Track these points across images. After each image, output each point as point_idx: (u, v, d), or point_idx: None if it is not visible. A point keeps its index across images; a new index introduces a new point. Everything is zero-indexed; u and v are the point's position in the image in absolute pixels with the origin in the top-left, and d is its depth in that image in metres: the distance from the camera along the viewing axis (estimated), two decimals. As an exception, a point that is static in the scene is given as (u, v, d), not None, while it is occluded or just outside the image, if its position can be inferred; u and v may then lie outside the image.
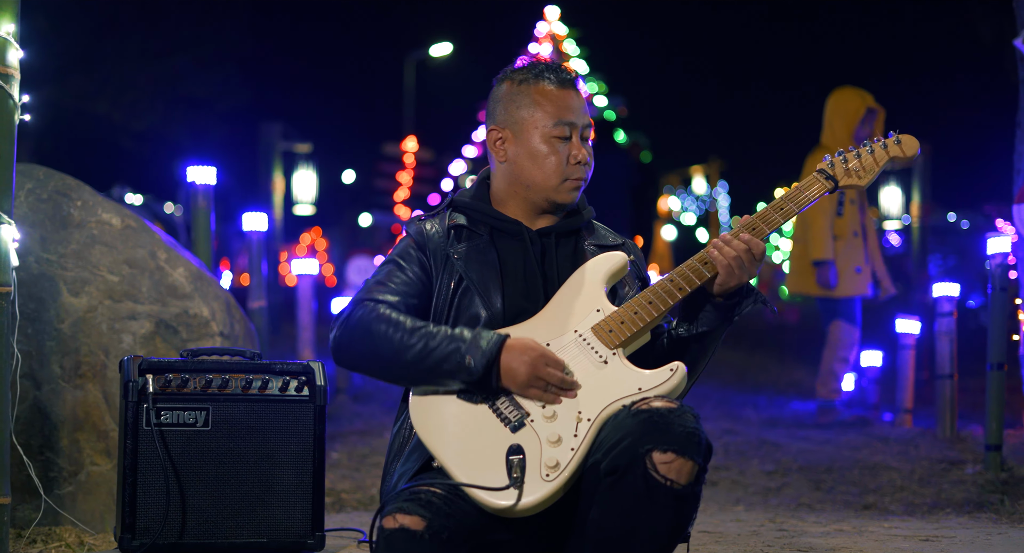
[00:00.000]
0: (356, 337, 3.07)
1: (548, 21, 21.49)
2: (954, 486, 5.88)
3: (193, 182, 5.79)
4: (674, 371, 2.99)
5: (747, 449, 6.71)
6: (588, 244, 3.29)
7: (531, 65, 3.27)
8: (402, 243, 3.27)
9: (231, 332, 4.85)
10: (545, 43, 21.47)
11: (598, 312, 3.09)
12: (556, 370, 2.97)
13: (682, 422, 2.88)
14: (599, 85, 21.70)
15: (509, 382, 2.98)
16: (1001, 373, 6.24)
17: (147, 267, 4.66)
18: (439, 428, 3.02)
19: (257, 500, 3.61)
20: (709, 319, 3.17)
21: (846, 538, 4.20)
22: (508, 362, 2.98)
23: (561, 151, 3.21)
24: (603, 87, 21.71)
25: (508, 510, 2.89)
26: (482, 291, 3.15)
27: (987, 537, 4.31)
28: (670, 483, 2.83)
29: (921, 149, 3.40)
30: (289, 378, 3.66)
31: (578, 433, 2.94)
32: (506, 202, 3.28)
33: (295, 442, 3.65)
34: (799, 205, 3.21)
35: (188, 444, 3.59)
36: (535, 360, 2.97)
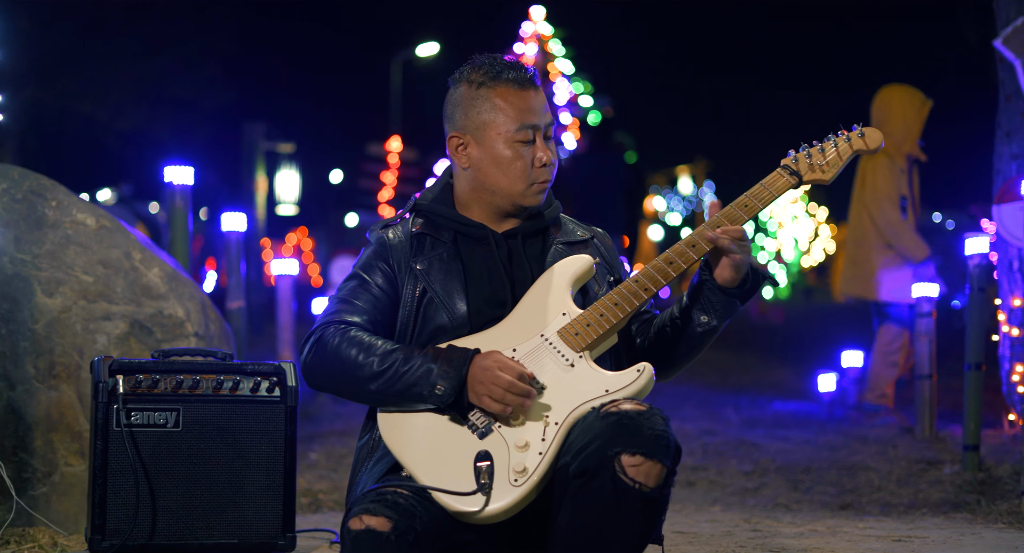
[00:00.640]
0: (327, 362, 3.06)
1: (534, 21, 21.48)
2: (931, 486, 5.89)
3: (171, 182, 5.77)
4: (641, 372, 2.98)
5: (726, 449, 6.72)
6: (557, 242, 3.26)
7: (488, 65, 3.17)
8: (365, 254, 3.24)
9: (206, 332, 4.84)
10: (531, 43, 21.46)
11: (564, 316, 3.07)
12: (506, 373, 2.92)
13: (651, 424, 2.87)
14: (585, 85, 21.70)
15: (476, 400, 2.97)
16: (979, 373, 6.25)
17: (122, 267, 4.65)
18: (407, 437, 3.01)
19: (228, 501, 3.60)
20: (723, 309, 3.14)
21: (819, 539, 4.20)
22: (473, 380, 2.95)
23: (525, 155, 3.15)
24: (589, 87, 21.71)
25: (475, 515, 2.88)
26: (445, 300, 3.12)
27: (960, 537, 4.31)
28: (639, 486, 2.83)
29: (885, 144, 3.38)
30: (260, 379, 3.65)
31: (546, 437, 2.93)
32: (470, 205, 3.24)
33: (266, 443, 3.64)
34: (763, 202, 3.18)
35: (159, 445, 3.57)
36: (488, 367, 2.94)
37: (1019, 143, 7.49)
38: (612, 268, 3.30)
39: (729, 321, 3.19)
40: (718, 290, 3.12)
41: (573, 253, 3.23)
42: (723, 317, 3.15)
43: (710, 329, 3.15)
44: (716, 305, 3.14)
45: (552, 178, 3.22)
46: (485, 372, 2.94)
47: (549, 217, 3.28)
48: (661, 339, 3.21)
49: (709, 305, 3.14)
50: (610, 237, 3.45)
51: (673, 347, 3.19)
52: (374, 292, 3.17)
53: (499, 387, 2.92)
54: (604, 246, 3.34)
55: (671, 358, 3.21)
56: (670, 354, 3.20)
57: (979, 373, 6.25)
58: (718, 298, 3.13)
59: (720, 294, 3.13)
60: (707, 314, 3.15)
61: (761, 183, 3.21)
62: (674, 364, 3.23)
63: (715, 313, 3.14)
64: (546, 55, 21.51)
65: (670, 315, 3.21)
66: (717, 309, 3.14)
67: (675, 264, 3.11)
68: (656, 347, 3.21)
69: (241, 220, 6.71)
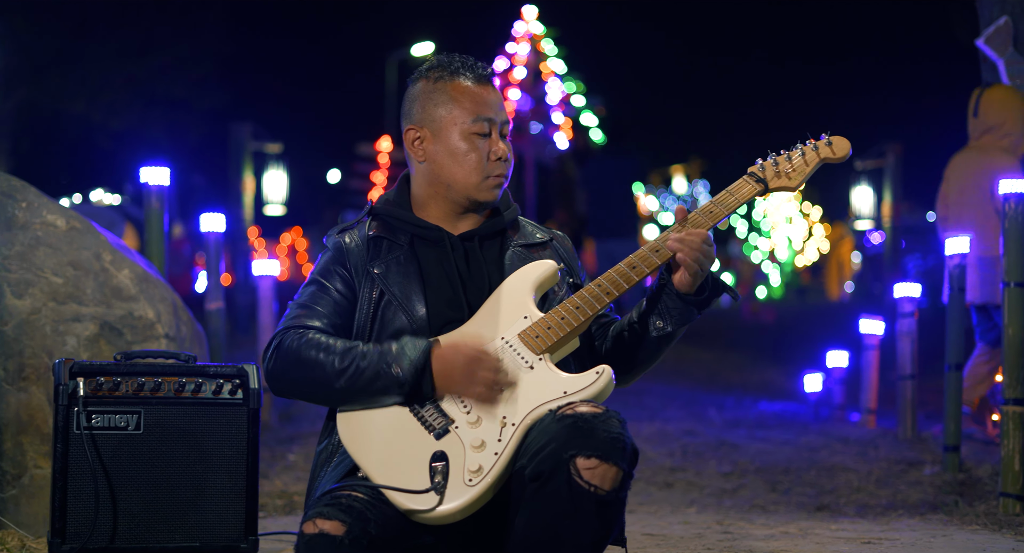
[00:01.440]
0: (289, 367, 3.05)
1: (526, 20, 21.44)
2: (911, 487, 5.87)
3: (147, 183, 5.75)
4: (600, 374, 2.97)
5: (705, 450, 6.70)
6: (514, 244, 3.25)
7: (447, 62, 3.21)
8: (322, 260, 3.23)
9: (177, 334, 4.82)
10: (523, 43, 21.42)
11: (525, 319, 3.07)
12: (489, 372, 2.94)
13: (606, 427, 2.85)
14: (577, 85, 21.63)
15: (444, 387, 2.96)
16: (959, 374, 6.24)
17: (92, 269, 4.63)
18: (364, 438, 3.00)
19: (190, 504, 3.58)
20: (680, 316, 3.13)
21: (788, 541, 4.19)
22: (441, 366, 2.96)
23: (481, 148, 3.17)
24: (581, 87, 21.65)
25: (427, 514, 2.87)
26: (404, 303, 3.11)
27: (930, 539, 4.30)
28: (594, 489, 2.81)
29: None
30: (223, 381, 3.63)
31: (502, 438, 2.92)
32: (427, 205, 3.24)
33: (228, 445, 3.62)
34: (728, 208, 3.20)
35: (120, 448, 3.55)
36: (468, 363, 2.94)
37: (1002, 143, 7.48)
38: (572, 270, 3.30)
39: (686, 328, 3.17)
40: (676, 296, 3.12)
41: (531, 255, 3.24)
42: (679, 323, 3.14)
43: (665, 335, 3.14)
44: (673, 311, 3.13)
45: (508, 174, 3.22)
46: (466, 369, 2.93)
47: (507, 219, 3.28)
48: (619, 343, 3.20)
49: (666, 310, 3.14)
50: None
51: (631, 352, 3.19)
52: (334, 296, 3.16)
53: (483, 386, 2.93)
54: (564, 248, 3.33)
55: (629, 363, 3.20)
56: (628, 359, 3.19)
57: (959, 374, 6.24)
58: (675, 304, 3.13)
59: (678, 300, 3.12)
60: (663, 319, 3.14)
61: (727, 190, 3.23)
62: (633, 369, 3.22)
63: (671, 319, 3.13)
64: (538, 54, 21.47)
65: (628, 320, 3.20)
66: (674, 315, 3.13)
67: (638, 269, 3.11)
68: (615, 351, 3.20)
69: (220, 221, 6.70)
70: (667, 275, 3.14)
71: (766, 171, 3.24)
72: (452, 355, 2.96)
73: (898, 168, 13.71)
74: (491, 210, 3.29)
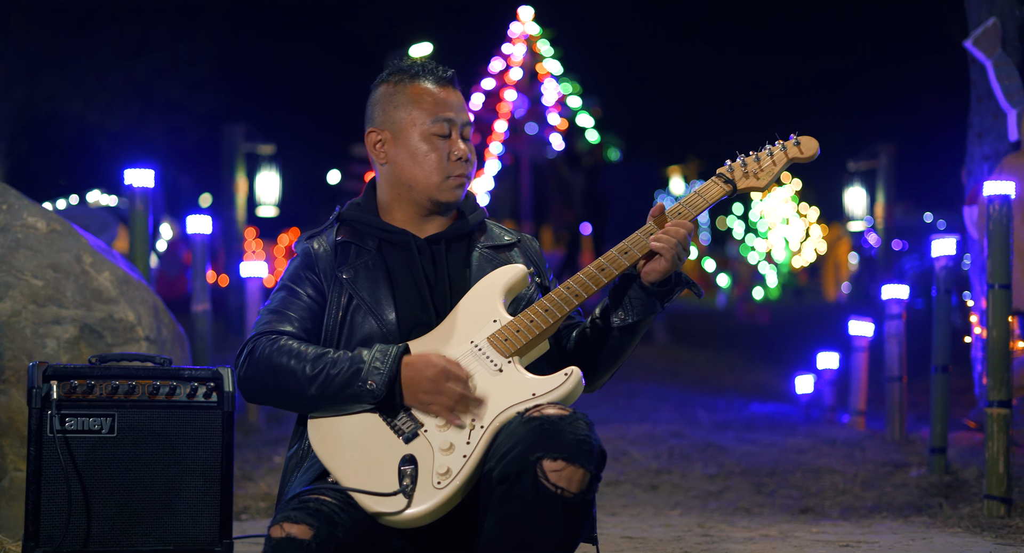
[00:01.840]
0: (260, 373, 3.07)
1: (522, 21, 21.43)
2: (896, 489, 5.86)
3: (131, 185, 5.75)
4: (568, 375, 2.97)
5: (692, 452, 6.69)
6: (481, 246, 3.26)
7: (408, 66, 3.24)
8: (292, 266, 3.25)
9: (158, 337, 4.82)
10: (519, 44, 21.41)
11: (495, 322, 3.07)
12: (456, 386, 2.94)
13: (573, 429, 2.86)
14: (573, 86, 21.62)
15: (411, 396, 2.96)
16: (945, 375, 6.24)
17: (72, 271, 4.63)
18: (334, 443, 3.01)
19: (164, 507, 3.57)
20: (641, 307, 3.14)
21: (767, 544, 4.18)
22: (409, 378, 2.97)
23: (441, 148, 3.19)
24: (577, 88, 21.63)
25: (396, 517, 2.88)
26: (374, 308, 3.12)
27: (909, 542, 4.30)
28: (560, 491, 2.82)
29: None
30: (197, 384, 3.62)
31: (471, 441, 2.93)
32: (392, 208, 3.25)
33: (203, 449, 3.60)
34: (696, 209, 3.21)
35: (93, 451, 3.54)
36: (436, 376, 2.95)
37: (991, 144, 7.49)
38: (540, 272, 3.32)
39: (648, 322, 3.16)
40: (639, 287, 3.12)
41: (499, 257, 3.25)
42: (640, 315, 3.13)
43: (626, 326, 3.14)
44: (636, 302, 3.13)
45: (470, 175, 3.23)
46: (433, 383, 2.95)
47: (473, 221, 3.28)
48: (582, 342, 3.21)
49: (628, 302, 3.14)
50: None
51: (594, 350, 3.19)
52: (304, 301, 3.17)
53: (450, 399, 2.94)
54: (532, 250, 3.35)
55: (594, 362, 3.20)
56: (592, 357, 3.20)
57: (945, 375, 6.24)
58: (638, 295, 3.13)
59: (641, 291, 3.12)
60: (625, 311, 3.14)
61: (695, 191, 3.25)
62: (598, 368, 3.22)
63: (633, 310, 3.14)
64: (534, 56, 21.46)
65: (592, 317, 3.21)
66: (636, 306, 3.13)
67: (606, 270, 3.12)
68: (578, 351, 3.21)
69: (207, 223, 6.69)
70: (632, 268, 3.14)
71: (734, 172, 3.26)
72: (422, 366, 2.96)
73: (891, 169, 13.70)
74: (457, 213, 3.29)
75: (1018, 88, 7.31)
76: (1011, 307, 5.37)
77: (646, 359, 12.24)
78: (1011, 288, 5.40)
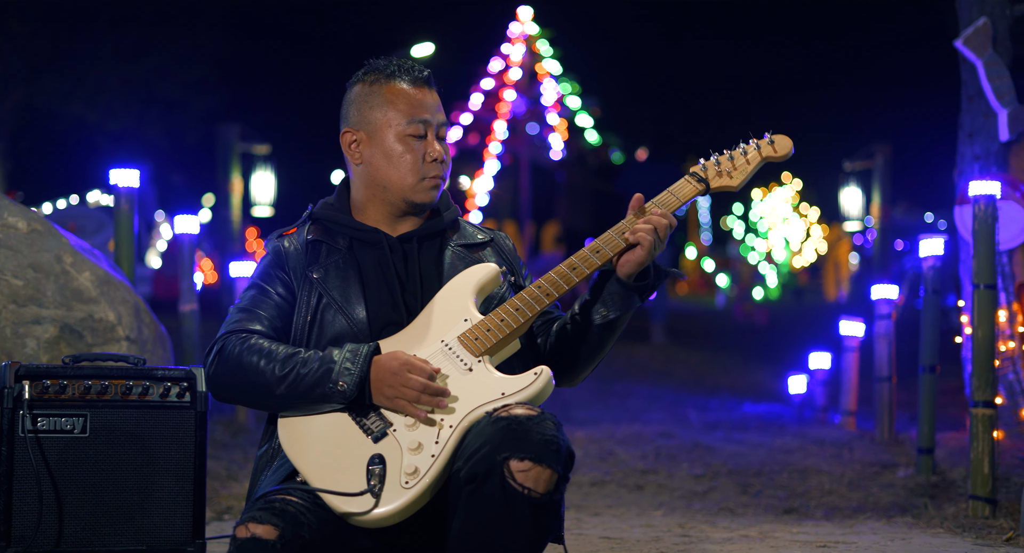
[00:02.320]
0: (229, 372, 3.06)
1: (521, 22, 21.43)
2: (883, 490, 5.85)
3: (116, 184, 5.74)
4: (538, 375, 2.96)
5: (679, 453, 6.67)
6: (453, 245, 3.25)
7: (383, 66, 3.21)
8: (262, 264, 3.23)
9: (139, 337, 4.82)
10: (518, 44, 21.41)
11: (466, 322, 3.07)
12: (419, 376, 2.94)
13: (540, 430, 2.85)
14: (572, 86, 21.63)
15: (378, 393, 2.96)
16: (933, 376, 6.23)
17: (53, 271, 4.63)
18: (303, 442, 3.00)
19: (136, 507, 3.56)
20: (621, 302, 3.13)
21: (744, 544, 4.17)
22: (375, 374, 2.96)
23: (416, 149, 3.17)
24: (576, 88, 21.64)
25: (364, 517, 2.87)
26: (344, 306, 3.12)
27: (888, 542, 4.28)
28: (527, 491, 2.81)
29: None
30: (171, 384, 3.61)
31: (439, 440, 2.92)
32: (365, 208, 3.24)
33: (176, 449, 3.60)
34: (669, 208, 3.19)
35: (65, 451, 3.54)
36: (399, 369, 2.94)
37: (982, 144, 7.46)
38: (514, 270, 3.30)
39: (628, 317, 3.15)
40: (618, 282, 3.11)
41: (472, 255, 3.24)
42: (621, 310, 3.12)
43: (607, 323, 3.13)
44: (615, 296, 3.12)
45: (445, 175, 3.22)
46: (395, 376, 2.94)
47: (447, 220, 3.27)
48: (562, 338, 3.20)
49: (608, 296, 3.13)
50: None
51: (574, 346, 3.18)
52: (275, 299, 3.16)
53: (412, 390, 2.93)
54: (505, 248, 3.33)
55: (573, 358, 3.19)
56: (571, 353, 3.18)
57: (933, 376, 6.23)
58: (617, 289, 3.12)
59: (619, 286, 3.12)
60: (606, 307, 3.13)
61: (668, 190, 3.24)
62: (576, 363, 3.21)
63: (613, 306, 3.13)
64: (533, 56, 21.47)
65: (571, 313, 3.20)
66: (616, 301, 3.13)
67: (578, 269, 3.11)
68: (558, 347, 3.20)
69: (193, 223, 6.69)
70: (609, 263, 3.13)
71: (708, 171, 3.24)
72: (387, 361, 2.96)
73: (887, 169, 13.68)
74: (431, 211, 3.28)
75: (1009, 88, 7.29)
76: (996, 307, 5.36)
77: (641, 359, 12.23)
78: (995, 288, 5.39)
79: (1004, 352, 7.21)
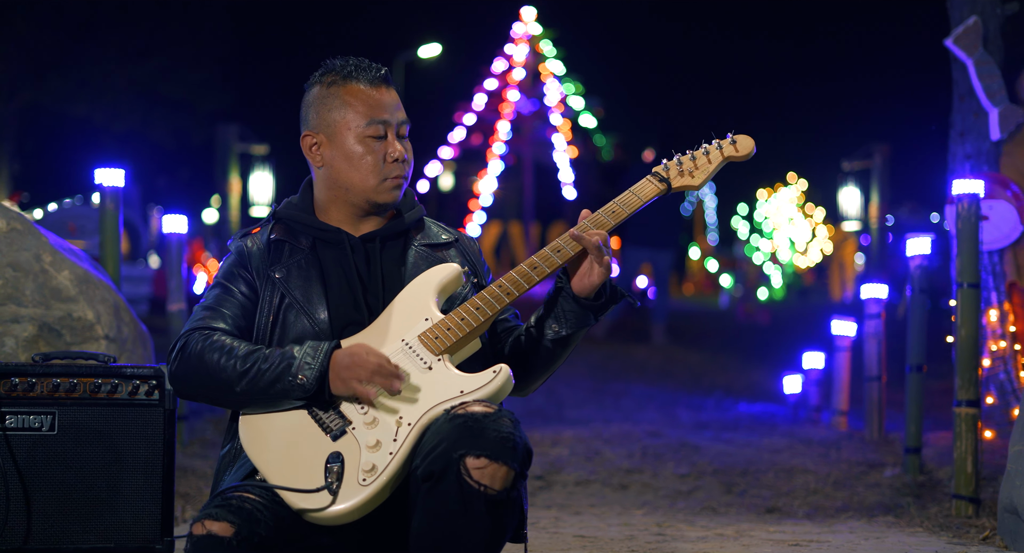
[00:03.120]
0: (191, 369, 3.06)
1: (524, 22, 21.43)
2: (868, 489, 5.84)
3: (101, 184, 5.75)
4: (497, 372, 2.97)
5: (666, 452, 6.66)
6: (417, 244, 3.26)
7: (340, 66, 3.21)
8: (225, 264, 3.24)
9: (118, 335, 4.83)
10: (521, 44, 21.42)
11: (426, 321, 3.07)
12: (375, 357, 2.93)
13: (496, 427, 2.85)
14: (576, 86, 21.62)
15: (334, 384, 2.97)
16: (920, 375, 6.22)
17: (31, 270, 4.64)
18: (263, 441, 3.01)
19: (104, 505, 3.58)
20: (575, 320, 3.14)
21: (715, 543, 4.17)
22: (334, 366, 2.97)
23: (377, 150, 3.17)
24: (580, 88, 21.63)
25: (321, 514, 2.88)
26: (306, 306, 3.12)
27: (862, 541, 4.28)
28: (484, 488, 2.82)
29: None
30: (139, 382, 3.63)
31: (398, 438, 2.93)
32: (328, 208, 3.25)
33: (144, 446, 3.61)
34: (630, 207, 3.21)
35: (34, 448, 3.55)
36: (356, 351, 2.96)
37: (972, 143, 7.45)
38: (477, 271, 3.30)
39: (583, 334, 3.17)
40: (572, 299, 3.12)
41: (436, 255, 3.25)
42: (574, 327, 3.14)
43: (560, 339, 3.15)
44: (568, 314, 3.14)
45: (407, 175, 3.22)
46: (351, 357, 2.96)
47: (410, 220, 3.28)
48: (516, 348, 3.22)
49: (562, 314, 3.15)
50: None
51: (528, 357, 3.20)
52: (238, 298, 3.17)
53: (366, 369, 2.94)
54: (469, 250, 3.34)
55: (528, 369, 3.21)
56: (526, 365, 3.20)
57: (920, 375, 6.22)
58: (571, 307, 3.13)
59: (574, 303, 3.13)
60: (559, 323, 3.15)
61: (630, 190, 3.25)
62: (531, 375, 3.22)
63: (567, 323, 3.14)
64: (537, 56, 21.47)
65: (527, 325, 3.21)
66: (569, 319, 3.14)
67: (539, 268, 3.12)
68: (512, 357, 3.21)
69: (182, 222, 6.70)
70: (565, 278, 3.14)
71: (670, 171, 3.27)
72: (343, 356, 2.97)
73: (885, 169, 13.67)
74: (395, 211, 3.28)
75: (999, 86, 7.28)
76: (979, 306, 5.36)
77: (639, 359, 12.22)
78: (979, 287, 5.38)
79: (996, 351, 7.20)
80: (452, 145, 21.63)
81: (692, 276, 29.31)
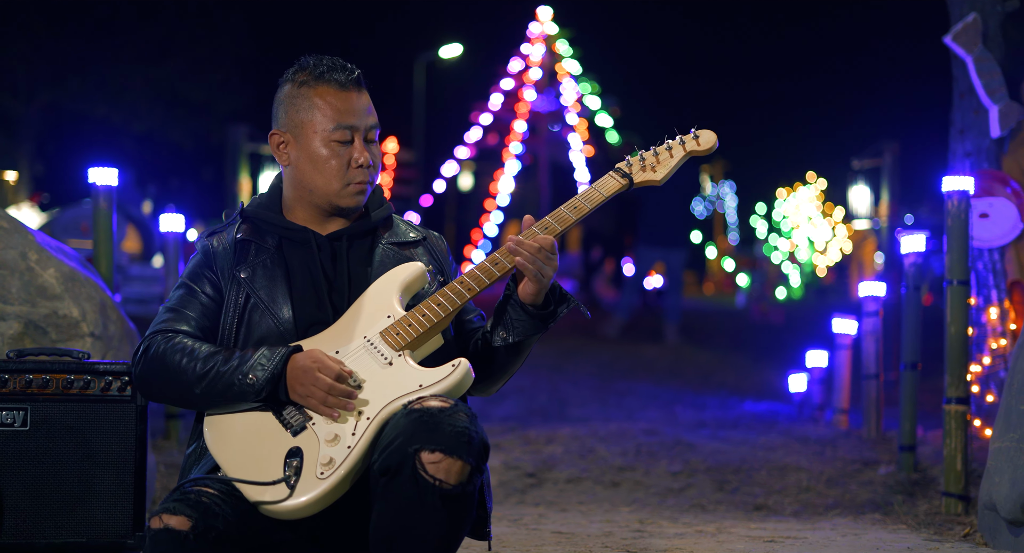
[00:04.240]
0: (154, 371, 3.09)
1: (540, 21, 21.43)
2: (861, 487, 5.83)
3: (94, 183, 5.79)
4: (456, 367, 2.99)
5: (659, 450, 6.66)
6: (384, 243, 3.27)
7: (313, 65, 3.20)
8: (191, 263, 3.26)
9: (104, 333, 4.86)
10: (538, 44, 21.42)
11: (388, 318, 3.09)
12: (326, 376, 2.95)
13: (452, 421, 2.87)
14: (592, 86, 21.60)
15: (293, 395, 2.99)
16: (915, 373, 6.19)
17: (17, 268, 4.67)
18: (226, 439, 3.04)
19: (77, 500, 3.61)
20: (524, 328, 3.15)
21: (691, 540, 4.17)
22: (291, 374, 2.99)
23: (342, 155, 3.17)
24: (596, 87, 21.61)
25: (279, 507, 2.90)
26: (270, 306, 3.14)
27: (839, 538, 4.27)
28: (439, 483, 2.83)
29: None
30: (112, 378, 3.66)
31: (356, 432, 2.94)
32: (294, 207, 3.26)
33: (116, 442, 3.65)
34: (592, 203, 3.22)
35: (6, 444, 3.60)
36: (308, 367, 2.97)
37: (972, 141, 7.42)
38: (443, 270, 3.32)
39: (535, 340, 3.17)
40: (520, 307, 3.14)
41: (403, 253, 3.26)
42: (521, 334, 3.15)
43: (510, 345, 3.16)
44: (516, 323, 3.15)
45: (372, 180, 3.23)
46: (305, 373, 2.97)
47: (377, 218, 3.28)
48: (475, 351, 3.24)
49: (510, 322, 3.16)
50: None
51: (483, 361, 3.21)
52: (202, 300, 3.18)
53: (320, 390, 2.96)
54: (436, 248, 3.35)
55: (485, 372, 3.22)
56: (483, 368, 3.20)
57: (915, 373, 6.20)
58: (519, 315, 3.14)
59: (521, 311, 3.14)
60: (507, 330, 3.16)
61: (592, 186, 3.26)
62: (490, 378, 3.24)
63: (514, 330, 3.16)
64: (553, 55, 21.47)
65: (483, 330, 3.22)
66: (516, 327, 3.15)
67: (500, 264, 3.13)
68: (474, 359, 3.21)
69: (179, 221, 6.74)
70: (513, 285, 3.16)
71: (632, 166, 3.28)
72: (301, 360, 2.99)
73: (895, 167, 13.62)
74: (363, 210, 3.29)
75: (999, 83, 7.24)
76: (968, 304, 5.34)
77: (648, 358, 12.20)
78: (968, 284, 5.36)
79: (996, 349, 7.17)
80: (469, 145, 21.66)
81: (712, 276, 29.26)
